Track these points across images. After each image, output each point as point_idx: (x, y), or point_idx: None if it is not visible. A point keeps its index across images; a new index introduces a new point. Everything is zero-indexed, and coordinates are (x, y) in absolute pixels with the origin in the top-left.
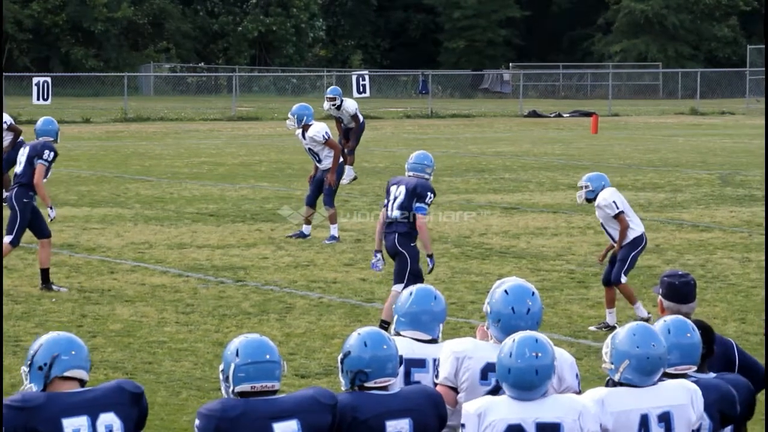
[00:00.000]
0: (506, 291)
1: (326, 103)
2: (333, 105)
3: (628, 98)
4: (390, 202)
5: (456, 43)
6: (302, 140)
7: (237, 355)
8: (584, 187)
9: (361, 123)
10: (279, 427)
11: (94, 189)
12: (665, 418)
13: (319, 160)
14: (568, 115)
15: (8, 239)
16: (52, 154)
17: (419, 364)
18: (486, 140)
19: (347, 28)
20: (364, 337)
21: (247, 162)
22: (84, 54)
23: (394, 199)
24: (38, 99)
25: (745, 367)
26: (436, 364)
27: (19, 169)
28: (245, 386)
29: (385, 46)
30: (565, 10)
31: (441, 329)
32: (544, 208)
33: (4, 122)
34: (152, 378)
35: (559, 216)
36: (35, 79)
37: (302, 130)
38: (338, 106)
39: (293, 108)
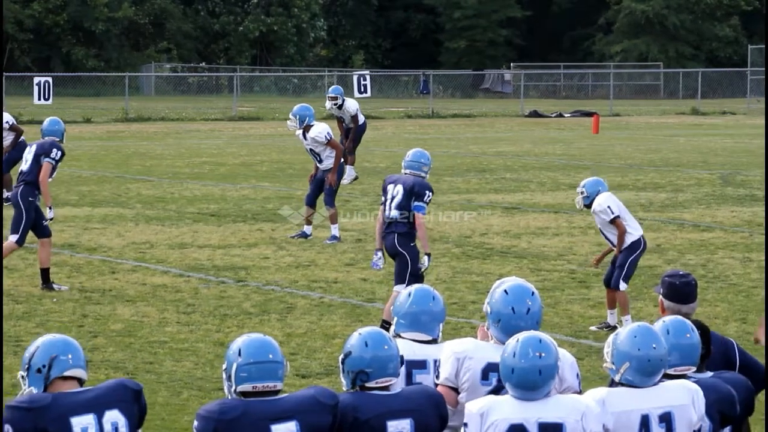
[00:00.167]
0: (506, 291)
1: (328, 102)
2: (335, 104)
3: (629, 98)
4: (387, 202)
5: (457, 43)
6: (303, 141)
7: (239, 354)
8: (581, 193)
9: (362, 123)
10: (278, 429)
11: (95, 189)
12: (666, 419)
13: (320, 161)
14: (569, 115)
15: (14, 238)
16: (59, 153)
17: (420, 365)
18: (487, 140)
19: (348, 28)
20: (365, 337)
21: (249, 162)
22: (85, 54)
23: (392, 198)
24: (39, 99)
25: (746, 367)
26: (437, 365)
27: (25, 167)
28: (247, 386)
29: (386, 46)
30: (566, 10)
31: (441, 329)
32: (545, 208)
33: (6, 122)
34: (153, 378)
35: (560, 216)
36: (36, 79)
37: (303, 130)
38: (340, 106)
39: (294, 109)
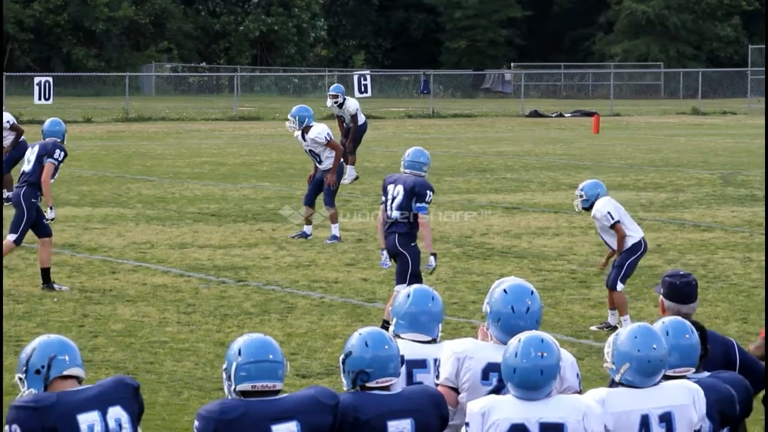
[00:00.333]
0: (505, 290)
1: (329, 100)
2: (335, 102)
3: (629, 98)
4: (388, 202)
5: (457, 43)
6: (302, 142)
7: (239, 354)
8: (579, 196)
9: (362, 123)
10: (278, 429)
11: (95, 189)
12: (666, 419)
13: (320, 161)
14: (569, 115)
15: (12, 237)
16: (62, 154)
17: (420, 364)
18: (487, 140)
19: (348, 27)
20: (366, 337)
21: (249, 162)
22: (85, 54)
23: (393, 198)
24: (40, 99)
25: (746, 367)
26: (437, 364)
27: (27, 168)
28: (246, 385)
29: (387, 46)
30: (567, 9)
31: (440, 329)
32: (545, 208)
33: (7, 122)
34: (153, 378)
35: (561, 216)
36: (37, 79)
37: (302, 132)
38: (340, 104)
39: (293, 110)
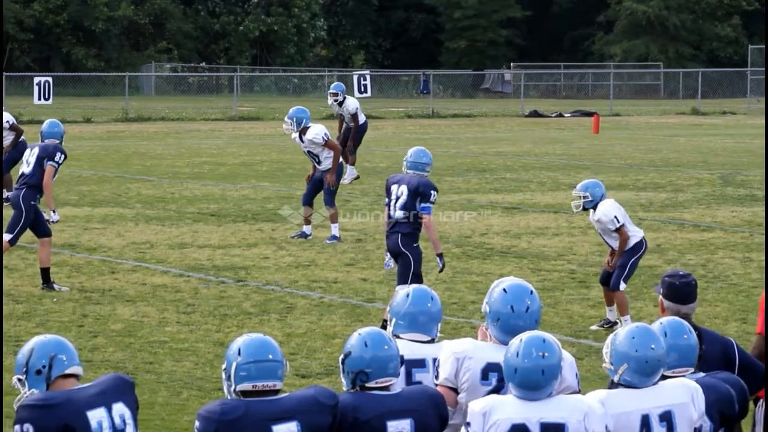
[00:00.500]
0: (505, 290)
1: (329, 98)
2: (335, 100)
3: (629, 98)
4: (392, 202)
5: (457, 43)
6: (300, 143)
7: (239, 354)
8: (581, 197)
9: (362, 123)
10: (279, 429)
11: (95, 189)
12: (667, 418)
13: (319, 162)
14: (569, 115)
15: (7, 237)
16: (63, 156)
17: (419, 364)
18: (487, 140)
19: (348, 27)
20: (365, 338)
21: (249, 162)
22: (85, 54)
23: (396, 198)
24: (39, 99)
25: (746, 367)
26: (436, 364)
27: (27, 169)
28: (246, 385)
29: (387, 46)
30: (566, 10)
31: (438, 329)
32: (545, 208)
33: (6, 122)
34: (153, 378)
35: (560, 216)
36: (36, 79)
37: (300, 133)
38: (340, 102)
39: (290, 111)
